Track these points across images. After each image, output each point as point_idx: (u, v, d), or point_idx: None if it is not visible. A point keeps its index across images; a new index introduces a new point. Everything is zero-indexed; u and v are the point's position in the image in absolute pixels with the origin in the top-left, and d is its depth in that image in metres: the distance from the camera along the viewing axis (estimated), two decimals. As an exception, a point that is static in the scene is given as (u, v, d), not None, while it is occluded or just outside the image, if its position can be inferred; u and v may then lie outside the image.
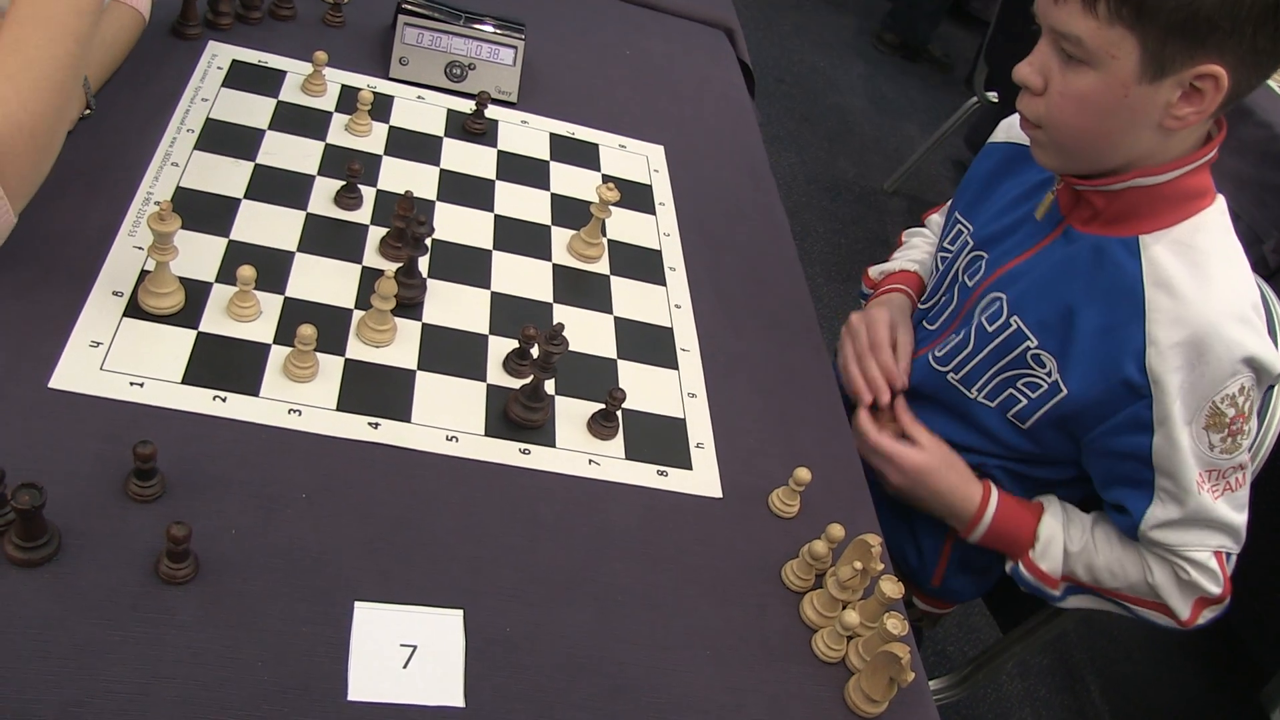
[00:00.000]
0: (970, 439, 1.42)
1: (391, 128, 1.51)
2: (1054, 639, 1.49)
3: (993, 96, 3.51)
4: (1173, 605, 1.34)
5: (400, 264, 1.25)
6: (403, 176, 1.43)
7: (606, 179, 1.57)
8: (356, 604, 0.96)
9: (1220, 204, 1.27)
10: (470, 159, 1.51)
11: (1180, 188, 1.23)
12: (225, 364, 1.11)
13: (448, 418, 1.15)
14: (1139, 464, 1.27)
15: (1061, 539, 1.39)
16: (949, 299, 1.48)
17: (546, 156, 1.57)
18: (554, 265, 1.39)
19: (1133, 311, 1.23)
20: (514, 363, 1.22)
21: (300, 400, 1.11)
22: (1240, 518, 1.31)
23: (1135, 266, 1.24)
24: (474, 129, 1.55)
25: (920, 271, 1.65)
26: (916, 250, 1.69)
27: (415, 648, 0.95)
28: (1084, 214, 1.30)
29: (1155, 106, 1.16)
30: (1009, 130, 1.49)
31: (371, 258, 1.30)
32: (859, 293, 1.73)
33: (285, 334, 1.16)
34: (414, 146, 1.49)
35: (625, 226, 1.50)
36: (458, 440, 1.14)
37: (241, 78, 1.48)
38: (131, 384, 1.06)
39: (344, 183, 1.35)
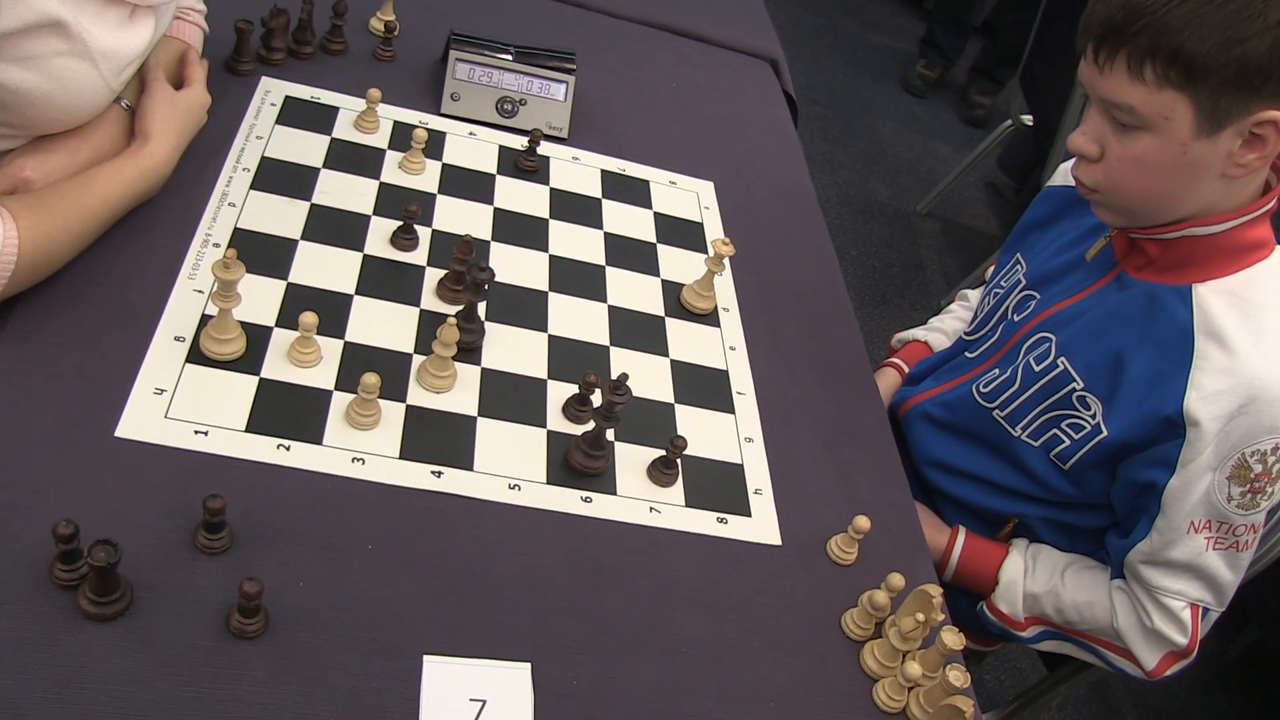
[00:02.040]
0: (1013, 480, 1.42)
1: (445, 165, 1.51)
2: (1095, 672, 1.49)
3: (1027, 119, 3.49)
4: (1137, 653, 1.33)
5: (459, 307, 1.25)
6: (457, 215, 1.43)
7: (660, 217, 1.57)
8: (425, 658, 0.96)
9: (1278, 256, 1.26)
10: (523, 197, 1.51)
11: (1236, 238, 1.23)
12: (288, 411, 1.12)
13: (510, 465, 1.15)
14: (1151, 497, 1.26)
15: (1021, 582, 1.41)
16: (993, 333, 1.48)
17: (599, 194, 1.57)
18: (609, 307, 1.39)
19: (1182, 359, 1.22)
20: (574, 409, 1.22)
21: (364, 449, 1.11)
22: (1230, 577, 1.29)
23: (1187, 315, 1.23)
24: (526, 166, 1.55)
25: (931, 344, 1.69)
26: (946, 319, 1.74)
27: (485, 702, 0.95)
28: (1138, 260, 1.29)
29: (1217, 158, 1.16)
30: (1066, 174, 1.48)
31: (429, 300, 1.30)
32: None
33: (346, 380, 1.16)
34: (467, 184, 1.50)
35: (678, 266, 1.50)
36: (520, 489, 1.13)
37: (295, 114, 1.49)
38: (196, 432, 1.06)
39: (400, 223, 1.35)
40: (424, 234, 1.38)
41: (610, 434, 1.21)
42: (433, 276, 1.33)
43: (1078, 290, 1.36)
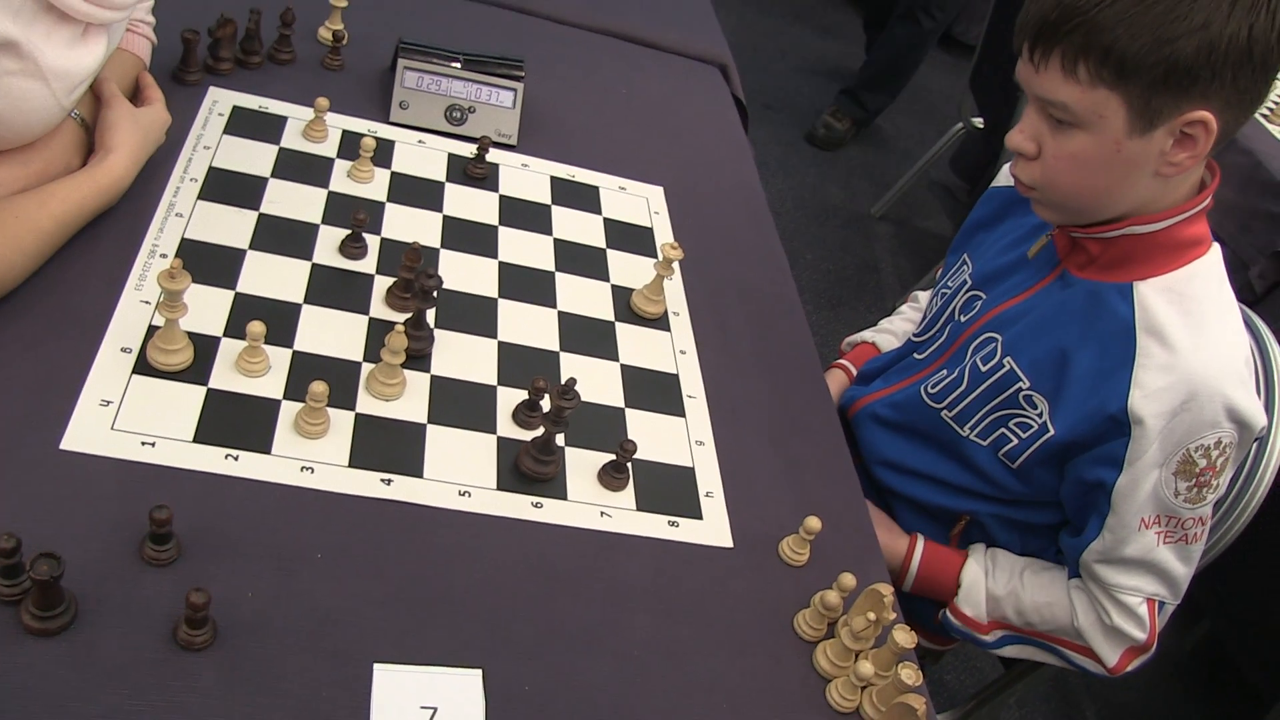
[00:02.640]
0: (963, 478, 1.43)
1: (393, 174, 1.51)
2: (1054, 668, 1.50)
3: (978, 122, 3.53)
4: (1099, 650, 1.35)
5: (408, 315, 1.25)
6: (406, 223, 1.43)
7: (609, 222, 1.57)
8: (376, 666, 0.96)
9: (1215, 253, 1.28)
10: (473, 204, 1.52)
11: (1174, 236, 1.24)
12: (236, 421, 1.11)
13: (460, 472, 1.15)
14: (1101, 495, 1.28)
15: (984, 583, 1.42)
16: (941, 334, 1.50)
17: (548, 200, 1.58)
18: (559, 313, 1.39)
19: (1124, 356, 1.24)
20: (524, 414, 1.22)
21: (312, 457, 1.11)
22: (1183, 570, 1.31)
23: (1128, 312, 1.25)
24: (475, 173, 1.56)
25: (879, 345, 1.71)
26: (896, 320, 1.76)
27: (436, 710, 0.95)
28: (1080, 259, 1.31)
29: (1150, 156, 1.18)
30: (1009, 174, 1.50)
31: (378, 308, 1.29)
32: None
33: (295, 389, 1.16)
34: (416, 192, 1.50)
35: (627, 271, 1.51)
36: (470, 495, 1.14)
37: (243, 124, 1.48)
38: (143, 444, 1.06)
39: (349, 232, 1.35)
40: (373, 242, 1.38)
41: (560, 439, 1.21)
42: (382, 285, 1.33)
43: (1022, 290, 1.38)
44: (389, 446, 1.15)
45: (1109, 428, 1.25)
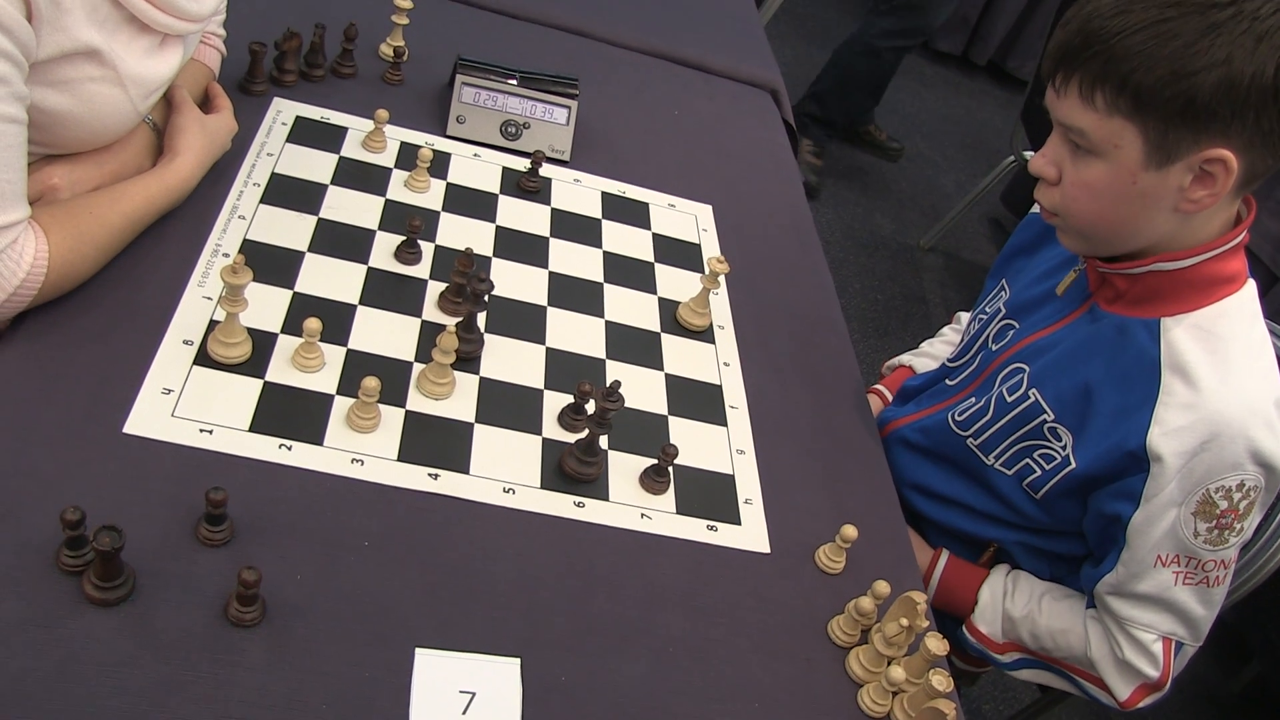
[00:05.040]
0: (989, 506, 1.44)
1: (449, 185, 1.55)
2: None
3: (1030, 155, 3.53)
4: (1110, 683, 1.33)
5: (459, 319, 1.29)
6: (460, 233, 1.47)
7: (658, 238, 1.61)
8: (418, 650, 0.99)
9: (1250, 289, 1.26)
10: (525, 216, 1.55)
11: (1204, 273, 1.23)
12: (291, 413, 1.15)
13: (505, 470, 1.18)
14: (1118, 529, 1.26)
15: (1001, 603, 1.42)
16: (972, 361, 1.50)
17: (599, 215, 1.61)
18: (607, 322, 1.42)
19: (1147, 393, 1.22)
20: (569, 417, 1.25)
21: (363, 450, 1.14)
22: (1203, 612, 1.29)
23: (1154, 349, 1.23)
24: (528, 187, 1.59)
25: (916, 368, 1.72)
26: (937, 343, 1.77)
27: (474, 695, 0.97)
28: (1108, 293, 1.30)
29: (1167, 191, 1.16)
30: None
31: (431, 312, 1.33)
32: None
33: (348, 385, 1.19)
34: (471, 203, 1.53)
35: (675, 285, 1.54)
36: (514, 493, 1.16)
37: (305, 134, 1.53)
38: (201, 430, 1.10)
39: (404, 238, 1.39)
40: (427, 249, 1.42)
41: (604, 442, 1.24)
42: (434, 290, 1.36)
43: (1053, 321, 1.38)
44: (437, 443, 1.18)
45: (1129, 463, 1.23)
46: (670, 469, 1.23)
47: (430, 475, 1.15)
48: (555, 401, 1.28)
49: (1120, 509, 1.25)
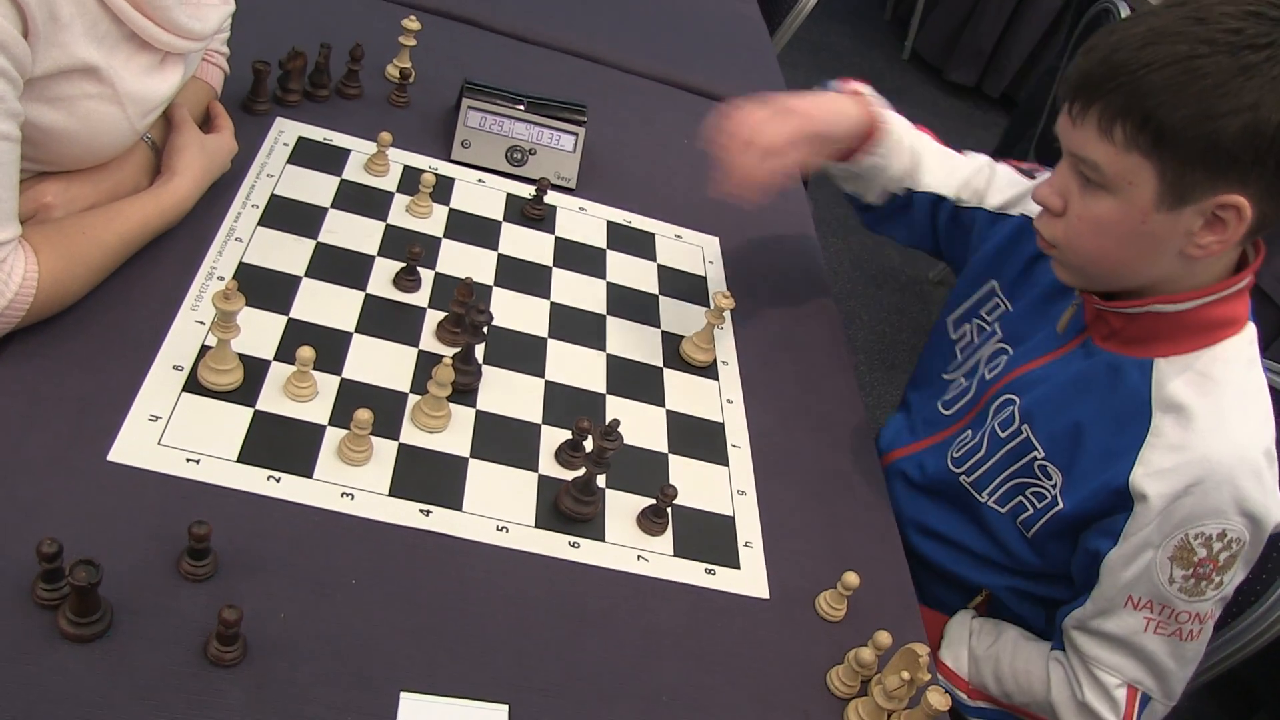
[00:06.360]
0: (984, 547, 1.40)
1: (451, 210, 1.53)
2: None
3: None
4: None
5: (457, 350, 1.26)
6: (461, 260, 1.45)
7: (663, 269, 1.58)
8: (402, 694, 0.96)
9: (1249, 333, 1.23)
10: (528, 244, 1.53)
11: (1202, 317, 1.20)
12: (281, 444, 1.12)
13: (499, 507, 1.15)
14: (1095, 563, 1.23)
15: (966, 639, 1.39)
16: (969, 387, 1.46)
17: (603, 244, 1.59)
18: (608, 356, 1.40)
19: (1136, 434, 1.20)
20: (566, 454, 1.22)
21: (353, 484, 1.11)
22: (1174, 667, 1.24)
23: (1146, 390, 1.21)
24: (533, 214, 1.57)
25: (900, 134, 1.60)
26: (934, 146, 1.64)
27: (459, 743, 0.94)
28: (1103, 330, 1.27)
29: (1176, 234, 1.14)
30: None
31: (428, 341, 1.30)
32: (823, 84, 1.56)
33: (341, 416, 1.17)
34: (473, 230, 1.51)
35: (679, 318, 1.51)
36: (508, 531, 1.13)
37: (307, 155, 1.51)
38: (188, 460, 1.07)
39: (403, 265, 1.36)
40: (427, 276, 1.39)
41: (601, 480, 1.21)
42: (433, 318, 1.34)
43: (1046, 352, 1.35)
44: (430, 478, 1.15)
45: (1115, 501, 1.21)
46: (669, 510, 1.20)
47: (422, 511, 1.12)
48: (553, 437, 1.25)
49: (1100, 545, 1.23)
